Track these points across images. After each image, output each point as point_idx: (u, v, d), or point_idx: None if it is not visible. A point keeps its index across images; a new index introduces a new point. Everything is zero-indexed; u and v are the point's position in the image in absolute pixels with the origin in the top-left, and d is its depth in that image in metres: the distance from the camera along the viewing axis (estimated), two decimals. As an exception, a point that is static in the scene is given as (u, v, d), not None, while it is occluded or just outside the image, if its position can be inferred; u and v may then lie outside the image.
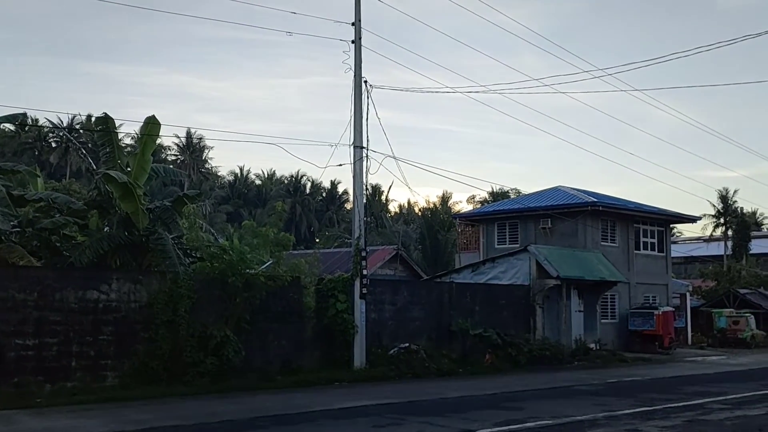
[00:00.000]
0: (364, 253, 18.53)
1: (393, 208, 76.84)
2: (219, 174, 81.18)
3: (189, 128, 75.23)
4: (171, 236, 17.06)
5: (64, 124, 65.11)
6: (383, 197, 74.18)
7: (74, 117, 62.46)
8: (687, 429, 9.97)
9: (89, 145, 53.83)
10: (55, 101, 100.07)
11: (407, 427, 9.89)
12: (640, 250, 31.19)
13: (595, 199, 29.62)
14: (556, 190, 32.41)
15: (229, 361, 15.28)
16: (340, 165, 18.78)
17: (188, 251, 17.96)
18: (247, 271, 16.15)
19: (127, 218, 16.75)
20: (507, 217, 31.57)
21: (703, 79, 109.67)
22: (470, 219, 34.08)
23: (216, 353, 15.13)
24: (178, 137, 74.02)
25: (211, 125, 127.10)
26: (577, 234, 28.76)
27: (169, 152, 74.37)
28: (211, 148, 76.79)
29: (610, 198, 32.18)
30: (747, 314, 35.81)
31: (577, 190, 31.79)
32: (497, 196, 58.95)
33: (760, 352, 31.61)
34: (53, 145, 68.37)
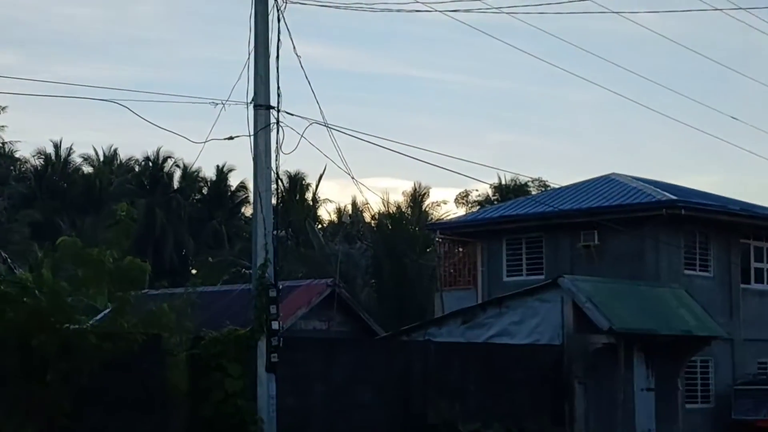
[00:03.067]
0: (274, 293, 18.37)
1: (326, 213, 76.80)
2: (18, 155, 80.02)
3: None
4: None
5: None
6: (309, 195, 73.93)
7: None
8: None
9: None
10: None
11: None
12: (751, 283, 31.68)
13: (674, 196, 29.84)
14: (607, 182, 32.63)
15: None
16: (231, 138, 18.52)
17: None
18: (68, 325, 15.92)
19: None
20: (523, 227, 31.66)
21: None
22: (460, 232, 34.14)
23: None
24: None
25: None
26: (644, 256, 29.09)
27: None
28: (3, 108, 75.35)
29: (699, 194, 32.65)
30: None
31: (643, 180, 32.12)
32: (508, 191, 59.42)
33: None
34: None
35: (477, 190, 69.16)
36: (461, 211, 65.76)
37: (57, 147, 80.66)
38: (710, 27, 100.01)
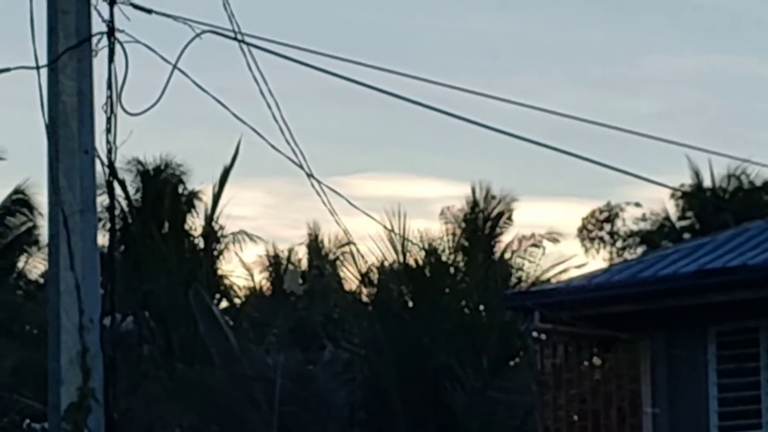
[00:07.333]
0: None
1: (243, 269, 41.73)
2: None
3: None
4: None
5: None
6: (197, 221, 38.20)
7: None
8: None
9: None
10: None
11: None
12: None
13: None
14: None
15: None
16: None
17: None
18: None
19: None
20: (763, 302, 19.96)
21: None
22: (594, 316, 21.47)
23: None
24: None
25: None
26: None
27: None
28: None
29: None
30: None
31: None
32: (717, 205, 37.57)
33: None
34: None
35: (637, 206, 43.00)
36: (596, 261, 40.99)
37: None
38: None
